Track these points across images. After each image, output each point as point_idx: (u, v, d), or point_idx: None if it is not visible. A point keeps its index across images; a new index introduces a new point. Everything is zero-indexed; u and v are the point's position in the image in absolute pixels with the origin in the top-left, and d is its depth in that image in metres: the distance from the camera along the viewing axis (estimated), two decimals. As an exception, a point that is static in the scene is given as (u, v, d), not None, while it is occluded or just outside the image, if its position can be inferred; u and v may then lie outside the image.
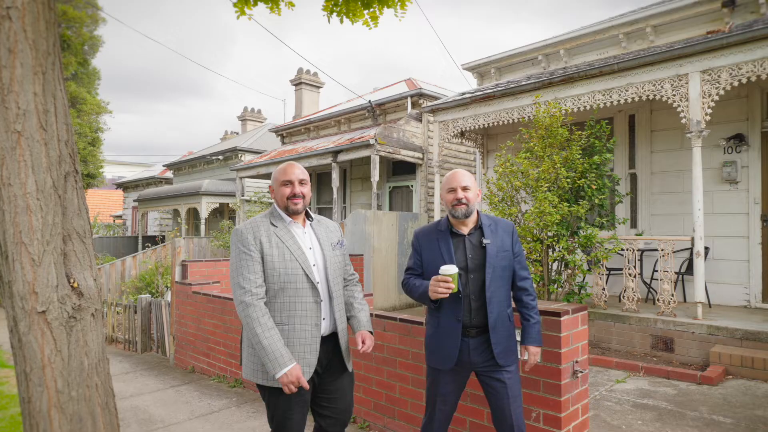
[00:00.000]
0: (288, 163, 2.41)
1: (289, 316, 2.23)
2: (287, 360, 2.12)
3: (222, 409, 4.41)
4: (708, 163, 6.79)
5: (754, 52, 5.34)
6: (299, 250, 2.29)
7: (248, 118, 22.50)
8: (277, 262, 2.24)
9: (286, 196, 2.32)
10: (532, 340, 2.44)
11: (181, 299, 6.01)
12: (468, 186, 2.42)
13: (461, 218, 2.43)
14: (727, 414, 3.98)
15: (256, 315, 2.15)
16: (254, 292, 2.19)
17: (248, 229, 2.29)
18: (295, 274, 2.24)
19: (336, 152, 10.54)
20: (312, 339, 2.25)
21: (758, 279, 6.54)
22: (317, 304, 2.28)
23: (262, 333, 2.13)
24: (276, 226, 2.32)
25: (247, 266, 2.22)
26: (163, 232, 20.62)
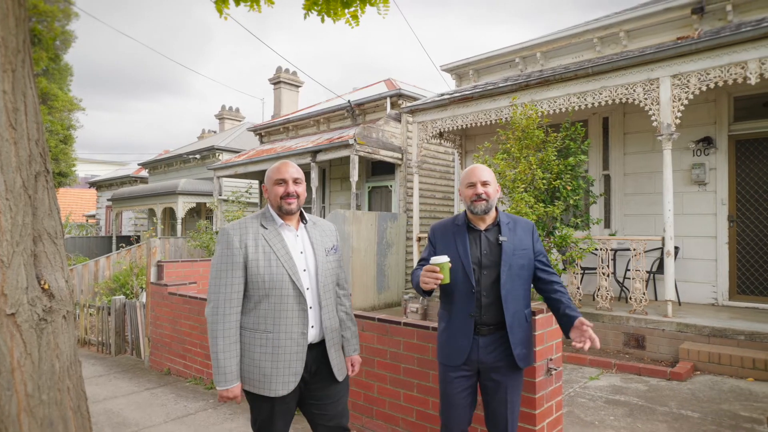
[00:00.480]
0: (282, 161, 2.30)
1: (273, 324, 2.14)
2: (234, 378, 2.12)
3: (198, 411, 4.36)
4: (678, 165, 6.98)
5: (721, 58, 5.52)
6: (287, 255, 2.19)
7: (226, 116, 22.24)
8: (263, 267, 2.14)
9: (279, 196, 2.23)
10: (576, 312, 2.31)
11: (157, 300, 5.92)
12: (488, 181, 2.37)
13: (480, 214, 2.37)
14: (695, 409, 4.11)
15: (222, 327, 2.12)
16: (224, 311, 2.13)
17: (235, 230, 2.19)
18: (281, 281, 2.14)
19: (315, 152, 10.50)
20: (298, 348, 2.17)
21: (725, 278, 6.76)
22: (304, 311, 2.18)
23: (222, 347, 2.11)
24: (266, 228, 2.22)
25: (226, 271, 2.15)
26: (138, 232, 20.23)
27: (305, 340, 2.19)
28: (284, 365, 2.14)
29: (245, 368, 2.17)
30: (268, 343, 2.14)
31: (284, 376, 2.14)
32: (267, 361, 2.14)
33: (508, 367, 2.34)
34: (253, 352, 2.16)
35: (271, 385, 2.14)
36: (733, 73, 5.47)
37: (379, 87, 13.01)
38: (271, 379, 2.14)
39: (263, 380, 2.14)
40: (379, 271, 9.39)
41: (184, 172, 17.90)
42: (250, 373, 2.16)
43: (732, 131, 6.83)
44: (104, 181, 23.76)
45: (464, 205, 2.45)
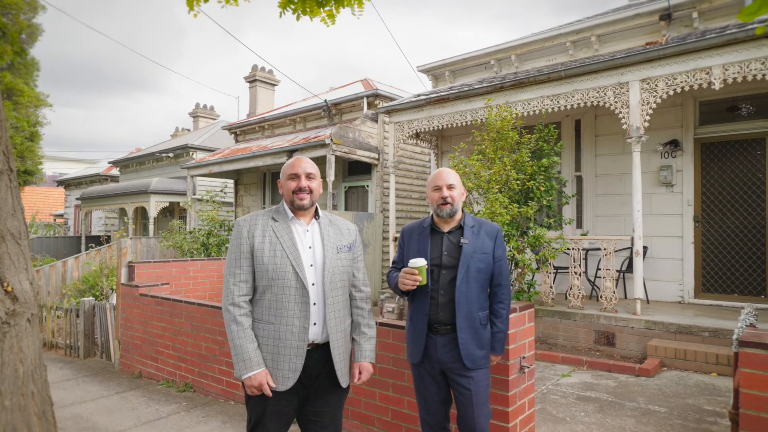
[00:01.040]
0: (296, 156, 2.34)
1: (276, 315, 2.14)
2: (255, 364, 2.09)
3: (171, 414, 4.29)
4: (647, 167, 7.18)
5: (688, 64, 5.70)
6: (293, 248, 2.19)
7: (200, 114, 21.87)
8: (267, 257, 2.16)
9: (291, 190, 2.25)
10: (491, 348, 2.47)
11: (128, 302, 5.79)
12: (453, 184, 2.46)
13: (446, 217, 2.46)
14: (662, 403, 4.23)
15: (235, 314, 2.14)
16: (236, 301, 2.15)
17: (245, 221, 2.25)
18: (284, 272, 2.15)
19: (291, 151, 10.42)
20: (299, 342, 2.13)
21: (691, 276, 6.98)
22: (306, 305, 2.16)
23: (237, 332, 2.12)
24: (276, 220, 2.26)
25: (235, 260, 2.19)
26: (108, 232, 19.74)
27: (306, 335, 2.15)
28: (284, 359, 2.12)
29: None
30: (269, 334, 2.14)
31: (284, 371, 2.12)
32: (268, 353, 2.14)
33: (467, 366, 2.38)
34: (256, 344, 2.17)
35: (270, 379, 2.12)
36: (699, 78, 5.65)
37: (355, 87, 12.99)
38: (270, 372, 2.12)
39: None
40: (356, 271, 9.37)
41: (157, 170, 17.55)
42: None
43: (697, 134, 7.05)
44: (73, 180, 23.11)
45: (431, 208, 2.53)
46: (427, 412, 2.51)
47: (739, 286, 6.72)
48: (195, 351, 4.87)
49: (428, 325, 2.43)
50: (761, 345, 1.98)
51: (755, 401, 1.99)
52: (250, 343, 2.11)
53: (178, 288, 6.31)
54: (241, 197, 14.20)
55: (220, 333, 4.48)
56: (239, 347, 2.10)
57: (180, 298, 5.27)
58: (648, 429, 3.70)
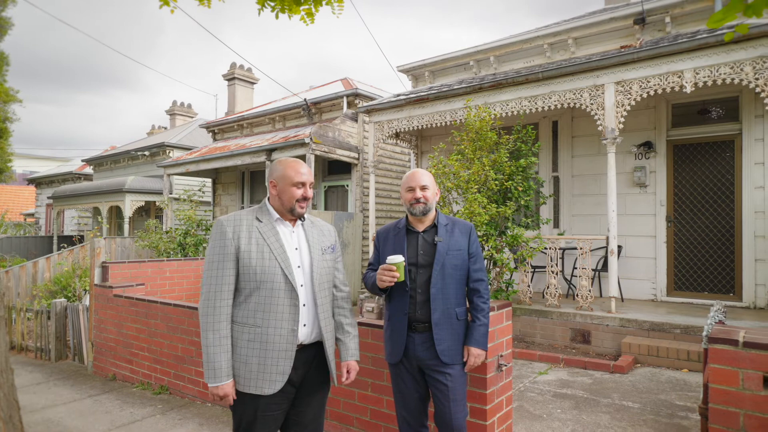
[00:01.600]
0: (298, 161, 2.26)
1: (263, 318, 2.09)
2: (224, 375, 2.05)
3: (146, 417, 4.21)
4: (621, 168, 7.33)
5: (660, 67, 5.83)
6: (280, 249, 2.16)
7: (177, 112, 21.51)
8: (255, 259, 2.11)
9: (296, 198, 2.19)
10: (474, 342, 2.47)
11: (101, 303, 5.67)
12: (426, 185, 2.49)
13: (419, 216, 2.51)
14: (636, 399, 4.33)
15: (213, 320, 2.06)
16: (216, 305, 2.08)
17: (229, 221, 2.17)
18: (272, 274, 2.10)
19: (270, 150, 10.34)
20: (288, 345, 2.10)
21: (663, 275, 7.15)
22: (296, 307, 2.13)
23: (212, 340, 2.05)
24: (261, 221, 2.19)
25: (218, 262, 2.11)
26: (81, 232, 19.27)
27: (295, 338, 2.12)
28: (272, 362, 2.08)
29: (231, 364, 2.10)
30: (256, 338, 2.09)
31: (271, 374, 2.08)
32: (254, 357, 2.08)
33: (444, 363, 2.41)
34: (240, 347, 2.10)
35: (257, 383, 2.07)
36: (671, 81, 5.79)
37: (335, 86, 12.95)
38: (258, 377, 2.07)
39: (249, 377, 2.07)
40: (335, 271, 9.35)
41: (132, 169, 17.21)
42: (236, 369, 2.09)
43: (670, 136, 7.23)
44: (45, 178, 22.50)
45: (405, 207, 2.57)
46: (406, 409, 2.53)
47: (709, 285, 6.91)
48: (171, 352, 4.79)
49: (408, 324, 2.45)
50: (729, 341, 2.04)
51: (723, 396, 2.04)
52: (223, 354, 2.06)
53: (153, 288, 6.20)
54: (219, 196, 14.02)
55: (196, 334, 4.42)
56: (212, 356, 2.04)
57: (156, 298, 5.18)
58: (622, 424, 3.78)
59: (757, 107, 6.53)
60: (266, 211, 2.24)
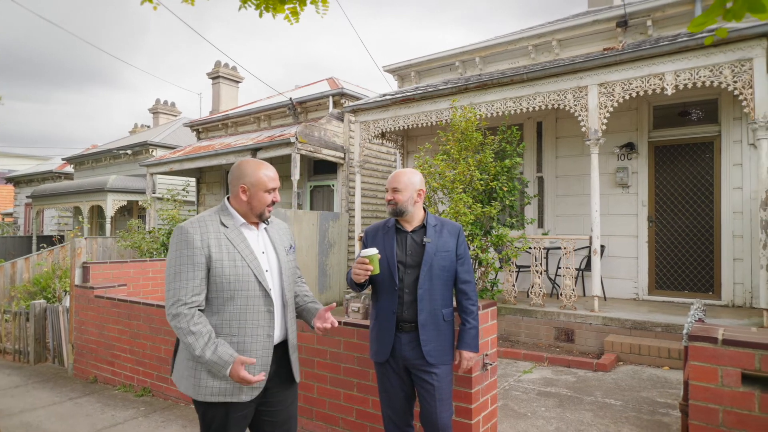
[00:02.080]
0: (266, 165, 2.17)
1: (239, 327, 2.04)
2: (228, 361, 1.95)
3: (128, 420, 4.15)
4: (604, 169, 7.42)
5: (642, 70, 5.92)
6: (251, 255, 2.10)
7: (161, 111, 21.24)
8: (228, 268, 2.03)
9: (266, 204, 2.14)
10: (465, 345, 2.49)
11: (82, 304, 5.57)
12: (398, 188, 2.48)
13: (391, 215, 2.53)
14: (618, 397, 4.39)
15: (186, 324, 1.96)
16: (186, 301, 1.98)
17: (195, 228, 2.04)
18: (246, 282, 2.05)
19: (255, 150, 10.26)
20: (264, 351, 2.08)
21: (645, 274, 7.27)
22: (270, 313, 2.10)
23: (196, 342, 1.95)
24: (226, 226, 2.10)
25: (187, 272, 1.99)
26: (61, 232, 18.92)
27: (271, 343, 2.10)
28: (251, 369, 2.02)
29: (202, 375, 2.02)
30: (232, 347, 2.02)
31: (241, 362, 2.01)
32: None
33: (430, 363, 2.42)
34: None
35: (234, 391, 2.02)
36: (653, 83, 5.89)
37: (321, 85, 12.91)
38: (235, 384, 2.01)
39: (225, 386, 2.01)
40: (321, 271, 9.32)
41: (114, 168, 16.95)
42: (209, 380, 2.02)
43: (651, 138, 7.35)
44: (23, 177, 22.05)
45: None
46: (392, 409, 2.53)
47: (689, 283, 7.04)
48: (154, 354, 4.73)
49: (395, 323, 2.45)
50: (709, 339, 2.08)
51: (703, 392, 2.08)
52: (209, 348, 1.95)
53: (136, 289, 6.11)
54: (203, 196, 13.88)
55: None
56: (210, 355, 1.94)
57: (138, 299, 5.11)
58: (605, 422, 3.83)
59: (735, 110, 6.66)
60: (229, 215, 2.14)
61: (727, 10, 1.36)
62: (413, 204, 2.51)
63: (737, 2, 1.34)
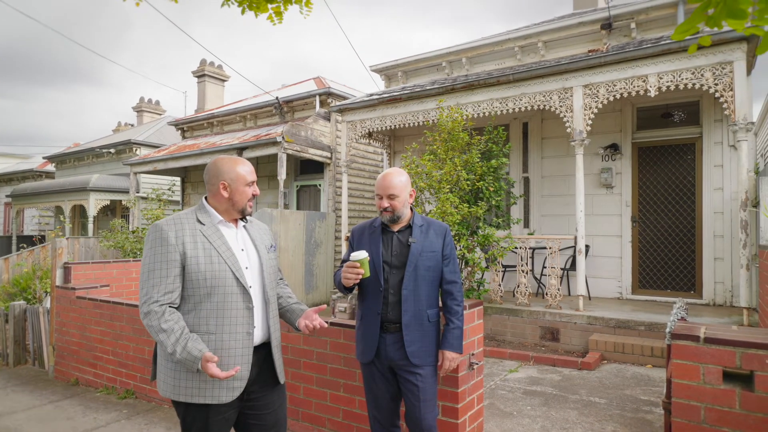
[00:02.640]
0: (244, 160, 2.18)
1: (216, 324, 2.00)
2: (197, 354, 1.91)
3: (110, 423, 4.08)
4: (589, 169, 7.50)
5: (626, 72, 6.00)
6: (228, 251, 2.07)
7: (145, 109, 20.97)
8: (203, 264, 2.00)
9: (248, 198, 2.13)
10: (448, 345, 2.46)
11: (63, 305, 5.47)
12: (394, 194, 2.43)
13: (389, 223, 2.50)
14: (602, 395, 4.43)
15: (157, 322, 1.93)
16: (158, 299, 1.95)
17: (170, 226, 2.02)
18: (223, 278, 2.02)
19: (241, 149, 10.18)
20: (244, 349, 2.04)
21: (629, 273, 7.36)
22: (249, 310, 2.07)
23: (167, 339, 1.91)
24: (203, 224, 2.08)
25: (161, 269, 1.97)
26: (42, 232, 18.59)
27: (251, 341, 2.07)
28: (230, 368, 1.99)
29: (181, 375, 1.99)
30: (210, 345, 1.98)
31: (230, 382, 2.00)
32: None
33: (414, 364, 2.40)
34: None
35: (213, 391, 1.97)
36: (636, 85, 5.96)
37: (308, 85, 12.85)
38: (214, 385, 1.98)
39: (204, 387, 1.97)
40: (308, 271, 9.28)
41: (97, 167, 16.70)
42: (187, 380, 1.98)
43: (635, 139, 7.44)
44: (3, 176, 21.60)
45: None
46: (377, 409, 2.52)
47: (671, 283, 7.15)
48: (137, 355, 4.66)
49: (380, 324, 2.44)
50: (691, 337, 2.11)
51: (686, 390, 2.11)
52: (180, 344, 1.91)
53: (119, 290, 6.02)
54: (188, 195, 13.73)
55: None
56: (181, 352, 1.91)
57: (121, 300, 5.03)
58: (589, 420, 3.87)
59: (716, 112, 6.78)
60: (206, 213, 2.13)
61: (709, 17, 1.39)
62: (406, 206, 2.50)
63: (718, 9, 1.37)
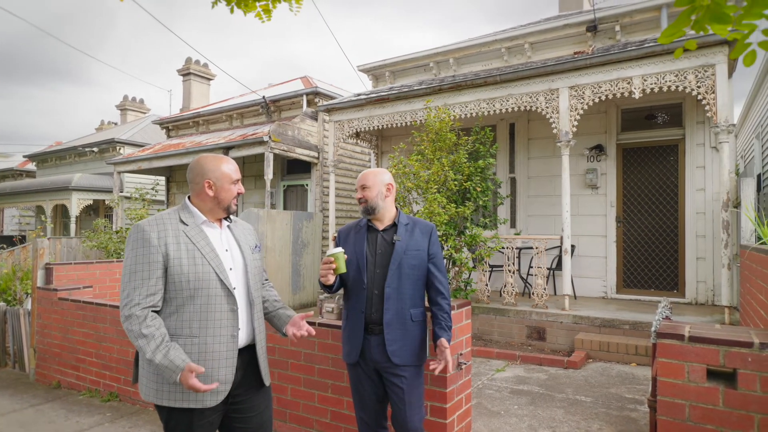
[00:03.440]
0: (228, 158, 2.15)
1: (200, 327, 1.98)
2: (177, 370, 1.88)
3: (93, 426, 4.01)
4: (575, 170, 7.58)
5: (611, 74, 6.07)
6: (212, 252, 2.04)
7: (129, 108, 20.69)
8: (186, 266, 1.97)
9: (233, 195, 2.11)
10: (443, 333, 2.40)
11: (45, 307, 5.37)
12: (366, 185, 2.46)
13: (363, 215, 2.50)
14: (588, 394, 4.48)
15: (138, 326, 1.89)
16: (139, 302, 1.91)
17: (152, 226, 1.99)
18: (207, 279, 1.99)
19: (228, 148, 10.10)
20: (228, 352, 2.01)
21: (613, 273, 7.45)
22: (233, 312, 2.04)
23: (147, 345, 1.88)
24: (186, 224, 2.05)
25: (143, 271, 1.94)
26: (23, 232, 18.24)
27: (235, 344, 2.04)
28: (214, 372, 1.97)
29: (165, 379, 1.96)
30: (193, 349, 1.96)
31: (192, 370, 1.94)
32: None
33: (396, 365, 2.37)
34: None
35: (197, 395, 1.95)
36: (621, 87, 6.04)
37: (295, 84, 12.79)
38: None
39: (187, 390, 1.93)
40: (294, 271, 9.23)
41: (80, 166, 16.44)
42: (170, 384, 1.95)
43: (619, 140, 7.54)
44: (-19, 175, 21.16)
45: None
46: (364, 411, 2.51)
47: (655, 282, 7.25)
48: (121, 357, 4.59)
49: (365, 325, 2.42)
50: (676, 336, 2.13)
51: (671, 388, 2.14)
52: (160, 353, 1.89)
53: (102, 291, 5.93)
54: (173, 195, 13.58)
55: (149, 338, 4.24)
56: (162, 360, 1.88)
57: (105, 301, 4.95)
58: (575, 418, 3.90)
59: (698, 114, 6.89)
60: (190, 214, 2.09)
61: (694, 21, 1.41)
62: (383, 199, 2.47)
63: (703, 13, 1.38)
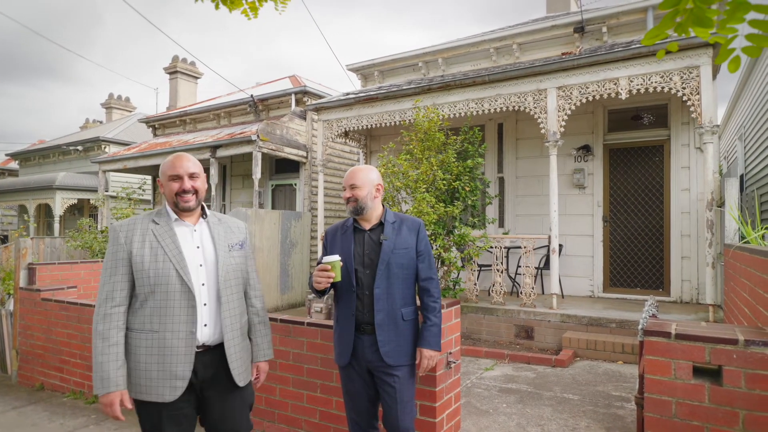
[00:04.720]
0: (176, 154, 2.19)
1: (160, 322, 2.04)
2: (112, 384, 1.98)
3: (78, 428, 3.95)
4: (562, 170, 7.64)
5: (598, 74, 6.12)
6: (176, 250, 2.09)
7: (115, 106, 20.43)
8: (148, 263, 2.05)
9: (174, 192, 2.13)
10: (426, 344, 2.40)
11: (28, 308, 5.27)
12: (356, 184, 2.41)
13: (352, 215, 2.46)
14: (576, 392, 4.51)
15: (102, 328, 2.02)
16: (107, 297, 2.05)
17: (123, 227, 2.12)
18: (166, 276, 2.05)
19: (215, 147, 10.01)
20: (186, 348, 2.04)
21: (600, 272, 7.52)
22: (193, 308, 2.07)
23: (101, 348, 2.00)
24: (157, 223, 2.14)
25: (110, 269, 2.07)
26: (5, 232, 17.91)
27: (193, 340, 2.07)
28: (172, 367, 2.03)
29: (131, 373, 2.04)
30: (154, 343, 2.03)
31: (171, 380, 2.02)
32: (153, 363, 2.03)
33: (389, 365, 2.36)
34: (139, 355, 2.04)
35: (158, 389, 2.02)
36: (608, 87, 6.09)
37: (284, 83, 12.73)
38: (158, 383, 2.02)
39: (149, 384, 2.02)
40: (283, 271, 9.18)
41: (64, 164, 16.19)
42: (135, 377, 2.04)
43: (606, 140, 7.61)
44: (-38, 173, 20.75)
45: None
46: (355, 411, 2.49)
47: (641, 281, 7.33)
48: (106, 359, 4.52)
49: (356, 325, 2.40)
50: (663, 333, 2.16)
51: (658, 385, 2.16)
52: (112, 362, 2.00)
53: (87, 291, 5.84)
54: (160, 195, 13.43)
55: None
56: (99, 365, 1.99)
57: (89, 302, 4.87)
58: (563, 416, 3.93)
59: (683, 115, 6.99)
60: (165, 213, 2.19)
61: (678, 24, 1.44)
62: (372, 199, 2.44)
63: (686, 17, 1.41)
